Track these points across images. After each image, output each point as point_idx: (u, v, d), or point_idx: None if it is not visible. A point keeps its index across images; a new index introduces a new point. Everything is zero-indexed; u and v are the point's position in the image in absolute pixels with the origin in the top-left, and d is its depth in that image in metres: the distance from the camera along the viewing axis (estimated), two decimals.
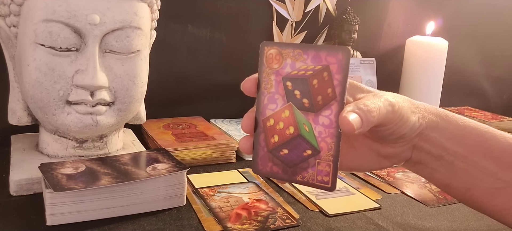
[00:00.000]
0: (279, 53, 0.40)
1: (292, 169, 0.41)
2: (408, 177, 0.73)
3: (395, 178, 0.72)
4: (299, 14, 0.97)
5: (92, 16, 0.57)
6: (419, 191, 0.67)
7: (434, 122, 0.45)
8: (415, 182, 0.70)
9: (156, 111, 0.83)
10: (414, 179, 0.71)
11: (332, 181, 0.39)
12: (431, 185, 0.69)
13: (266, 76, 0.40)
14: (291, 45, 0.39)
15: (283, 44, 0.40)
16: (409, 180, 0.71)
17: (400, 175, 0.73)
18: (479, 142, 0.45)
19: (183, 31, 0.89)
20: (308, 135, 0.40)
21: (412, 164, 0.48)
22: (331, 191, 0.40)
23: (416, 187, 0.69)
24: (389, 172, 0.74)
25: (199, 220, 0.54)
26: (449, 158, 0.45)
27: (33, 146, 0.68)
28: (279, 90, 0.40)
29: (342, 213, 0.58)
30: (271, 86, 0.40)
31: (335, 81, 0.38)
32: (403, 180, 0.71)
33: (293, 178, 0.41)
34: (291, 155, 0.40)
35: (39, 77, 0.57)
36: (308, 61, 0.39)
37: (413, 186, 0.69)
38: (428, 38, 1.07)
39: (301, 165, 0.40)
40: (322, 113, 0.39)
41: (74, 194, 0.50)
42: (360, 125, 0.38)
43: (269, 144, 0.41)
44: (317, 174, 0.40)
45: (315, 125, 0.39)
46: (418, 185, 0.69)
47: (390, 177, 0.72)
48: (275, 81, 0.40)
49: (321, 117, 0.39)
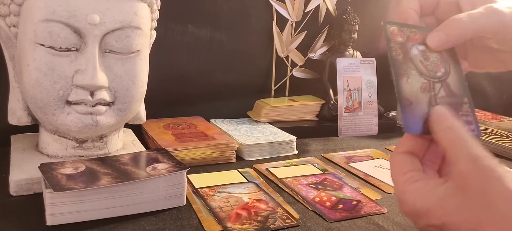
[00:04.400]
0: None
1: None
2: None
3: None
4: (299, 14, 0.97)
5: (92, 16, 0.57)
6: None
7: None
8: None
9: (156, 111, 0.83)
10: None
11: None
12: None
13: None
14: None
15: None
16: None
17: None
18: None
19: (183, 31, 0.89)
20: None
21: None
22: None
23: None
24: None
25: (199, 220, 0.54)
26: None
27: (33, 146, 0.68)
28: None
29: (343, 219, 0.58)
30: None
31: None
32: None
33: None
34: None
35: (39, 77, 0.57)
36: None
37: None
38: None
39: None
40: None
41: (74, 194, 0.50)
42: (444, 39, 0.42)
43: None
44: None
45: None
46: None
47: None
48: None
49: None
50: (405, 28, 0.46)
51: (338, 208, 0.59)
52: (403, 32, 0.45)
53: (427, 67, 0.45)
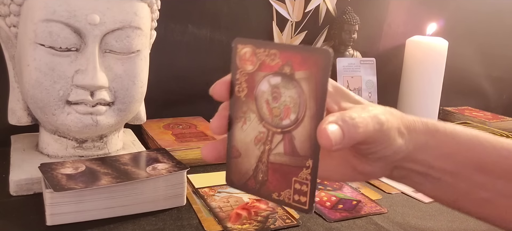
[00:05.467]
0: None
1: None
2: None
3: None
4: (299, 14, 0.97)
5: (92, 16, 0.57)
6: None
7: (422, 142, 0.41)
8: None
9: (156, 111, 0.83)
10: None
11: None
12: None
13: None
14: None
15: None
16: None
17: None
18: (469, 157, 0.42)
19: (183, 31, 0.89)
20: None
21: (393, 178, 0.44)
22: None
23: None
24: None
25: (199, 220, 0.54)
26: (436, 175, 0.42)
27: (33, 146, 0.68)
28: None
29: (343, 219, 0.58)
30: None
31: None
32: None
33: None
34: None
35: (39, 77, 0.57)
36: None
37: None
38: (428, 38, 1.07)
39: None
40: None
41: (74, 194, 0.50)
42: (340, 139, 0.33)
43: None
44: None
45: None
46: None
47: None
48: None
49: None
50: (262, 50, 0.34)
51: (338, 208, 0.59)
52: (257, 55, 0.35)
53: (273, 111, 0.35)
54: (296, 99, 0.34)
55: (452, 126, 0.43)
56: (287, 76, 0.34)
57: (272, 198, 0.36)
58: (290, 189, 0.35)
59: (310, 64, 0.33)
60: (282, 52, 0.34)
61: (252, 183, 0.37)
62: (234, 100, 0.36)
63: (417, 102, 1.04)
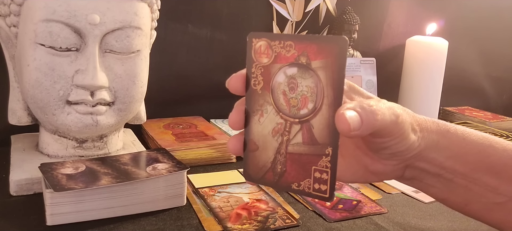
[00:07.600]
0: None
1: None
2: None
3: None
4: (299, 14, 0.97)
5: (92, 16, 0.57)
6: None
7: (434, 141, 0.41)
8: None
9: (156, 112, 0.83)
10: None
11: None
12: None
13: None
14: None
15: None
16: None
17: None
18: (480, 158, 0.42)
19: (183, 31, 0.89)
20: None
21: (405, 179, 0.44)
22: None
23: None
24: None
25: (199, 220, 0.54)
26: (448, 176, 0.42)
27: (33, 146, 0.68)
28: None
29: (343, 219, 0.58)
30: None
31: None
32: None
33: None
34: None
35: (39, 77, 0.57)
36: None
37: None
38: (428, 38, 1.07)
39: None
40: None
41: (74, 194, 0.50)
42: (359, 125, 0.33)
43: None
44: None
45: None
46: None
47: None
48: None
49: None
50: (277, 42, 0.35)
51: (338, 208, 0.59)
52: (273, 48, 0.35)
53: (290, 102, 0.35)
54: (313, 88, 0.34)
55: (462, 127, 0.44)
56: (304, 66, 0.34)
57: (291, 189, 0.36)
58: (309, 178, 0.35)
59: (326, 53, 0.33)
60: (297, 43, 0.34)
61: (270, 176, 0.37)
62: (250, 94, 0.36)
63: (417, 102, 1.04)
